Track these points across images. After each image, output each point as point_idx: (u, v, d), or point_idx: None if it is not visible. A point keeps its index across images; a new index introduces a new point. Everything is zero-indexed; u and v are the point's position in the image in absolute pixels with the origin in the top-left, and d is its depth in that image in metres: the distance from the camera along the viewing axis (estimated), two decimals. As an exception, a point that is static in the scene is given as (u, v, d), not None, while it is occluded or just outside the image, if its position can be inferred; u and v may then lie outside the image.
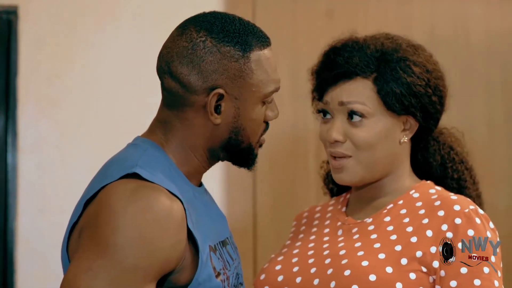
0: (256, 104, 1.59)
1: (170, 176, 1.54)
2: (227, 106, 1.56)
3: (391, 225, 1.77)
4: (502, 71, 2.64)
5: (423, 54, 1.84)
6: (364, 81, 1.78)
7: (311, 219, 1.96)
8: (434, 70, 1.83)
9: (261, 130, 1.64)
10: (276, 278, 1.80)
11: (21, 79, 2.76)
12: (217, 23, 1.56)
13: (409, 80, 1.78)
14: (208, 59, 1.54)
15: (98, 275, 1.39)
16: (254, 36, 1.57)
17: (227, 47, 1.54)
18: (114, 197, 1.45)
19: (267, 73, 1.59)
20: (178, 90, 1.56)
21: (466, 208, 1.73)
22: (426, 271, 1.70)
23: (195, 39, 1.55)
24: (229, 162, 1.67)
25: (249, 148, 1.62)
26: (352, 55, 1.79)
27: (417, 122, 1.82)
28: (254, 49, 1.56)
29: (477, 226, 1.71)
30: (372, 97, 1.78)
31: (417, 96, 1.79)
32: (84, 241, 1.45)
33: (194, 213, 1.55)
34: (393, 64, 1.78)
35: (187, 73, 1.54)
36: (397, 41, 1.84)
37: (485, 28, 2.65)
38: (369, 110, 1.77)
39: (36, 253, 2.72)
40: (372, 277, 1.68)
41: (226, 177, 2.78)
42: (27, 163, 2.75)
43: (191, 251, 1.51)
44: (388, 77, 1.77)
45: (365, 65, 1.78)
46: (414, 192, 1.82)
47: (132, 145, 1.61)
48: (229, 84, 1.55)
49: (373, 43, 1.82)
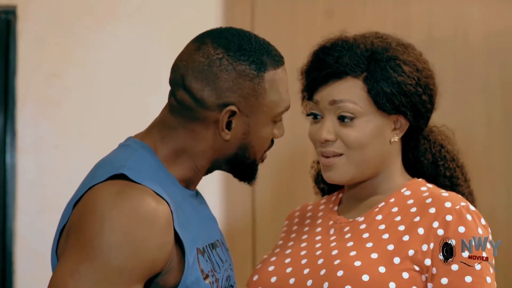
0: (267, 123, 1.61)
1: (158, 178, 1.54)
2: (238, 123, 1.58)
3: (383, 224, 1.77)
4: (500, 70, 2.64)
5: (413, 53, 1.84)
6: (355, 81, 1.78)
7: (303, 218, 1.96)
8: (424, 68, 1.83)
9: (267, 147, 1.66)
10: (269, 279, 1.79)
11: (20, 79, 2.76)
12: (235, 40, 1.57)
13: (400, 79, 1.77)
14: (223, 77, 1.55)
15: (83, 277, 1.40)
16: (269, 55, 1.59)
17: (242, 66, 1.56)
18: (99, 199, 1.46)
19: (279, 93, 1.60)
20: (190, 103, 1.56)
21: (457, 205, 1.73)
22: (419, 270, 1.70)
23: (212, 56, 1.55)
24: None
25: (253, 164, 1.65)
26: (342, 54, 1.79)
27: (408, 122, 1.81)
28: (269, 68, 1.58)
29: (468, 223, 1.71)
30: (363, 96, 1.78)
31: (408, 95, 1.78)
32: (70, 243, 1.45)
33: (182, 215, 1.55)
34: (383, 63, 1.78)
35: (201, 89, 1.55)
36: (387, 40, 1.83)
37: (483, 28, 2.65)
38: (360, 110, 1.77)
39: (35, 253, 2.72)
40: (365, 277, 1.67)
41: (225, 177, 2.78)
42: (26, 163, 2.75)
43: (178, 253, 1.51)
44: (379, 77, 1.77)
45: (355, 65, 1.78)
46: (405, 190, 1.82)
47: (123, 146, 1.62)
48: (242, 102, 1.56)
49: (363, 42, 1.81)
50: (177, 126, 1.59)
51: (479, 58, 2.65)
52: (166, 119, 1.61)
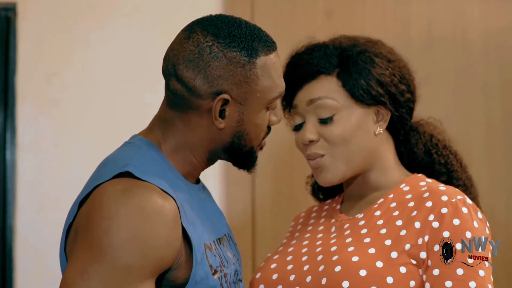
0: (261, 110, 1.60)
1: (164, 174, 1.54)
2: (231, 111, 1.57)
3: (381, 219, 1.78)
4: (500, 69, 2.64)
5: (383, 47, 1.87)
6: (328, 78, 1.81)
7: (307, 219, 1.97)
8: (396, 59, 1.85)
9: (264, 134, 1.65)
10: (271, 276, 1.81)
11: (19, 77, 2.76)
12: (224, 27, 1.56)
13: (372, 71, 1.80)
14: (214, 64, 1.54)
15: (93, 277, 1.40)
16: (261, 41, 1.57)
17: (233, 53, 1.54)
18: (106, 197, 1.45)
19: (272, 79, 1.59)
20: (183, 93, 1.56)
21: (454, 198, 1.74)
22: (416, 264, 1.70)
23: (202, 44, 1.54)
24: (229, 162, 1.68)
25: (251, 151, 1.63)
26: (312, 56, 1.82)
27: (389, 112, 1.83)
28: (260, 54, 1.56)
29: (463, 216, 1.71)
30: (339, 91, 1.80)
31: (383, 85, 1.81)
32: (78, 242, 1.45)
33: (190, 211, 1.55)
34: (354, 58, 1.81)
35: (193, 77, 1.54)
36: (355, 38, 1.86)
37: (483, 27, 2.65)
38: (338, 104, 1.79)
39: (34, 251, 2.72)
40: (363, 272, 1.68)
41: (226, 175, 2.78)
42: (25, 161, 2.75)
43: (186, 250, 1.51)
44: (351, 70, 1.80)
45: (327, 63, 1.81)
46: (404, 185, 1.83)
47: (128, 144, 1.62)
48: (234, 90, 1.55)
49: (331, 43, 1.85)
50: (174, 119, 1.59)
51: (478, 57, 2.65)
52: (164, 114, 1.61)
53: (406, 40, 2.07)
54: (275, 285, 1.79)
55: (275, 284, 1.79)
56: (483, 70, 2.64)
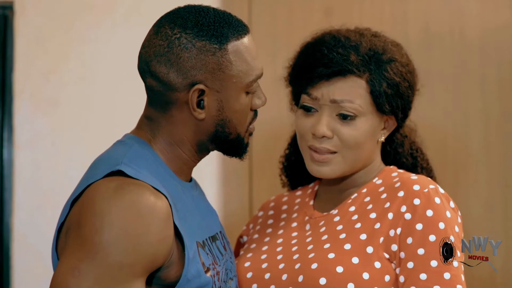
0: (239, 95, 1.59)
1: (156, 172, 1.55)
2: (209, 100, 1.56)
3: (355, 214, 1.78)
4: (497, 67, 2.64)
5: (405, 54, 1.86)
6: (358, 80, 1.79)
7: (278, 211, 1.96)
8: (413, 70, 1.86)
9: (249, 119, 1.64)
10: (245, 274, 1.80)
11: (17, 75, 2.76)
12: (191, 17, 1.55)
13: (398, 81, 1.79)
14: (185, 56, 1.53)
15: (85, 274, 1.40)
16: (230, 26, 1.57)
17: (202, 42, 1.54)
18: (98, 196, 1.46)
19: (247, 62, 1.58)
20: (159, 88, 1.56)
21: (426, 187, 1.74)
22: (388, 258, 1.70)
23: (170, 37, 1.54)
24: (226, 158, 1.68)
25: (238, 138, 1.62)
26: (347, 52, 1.79)
27: (396, 123, 1.85)
28: (231, 39, 1.56)
29: (436, 207, 1.71)
30: (365, 96, 1.78)
31: (402, 98, 1.82)
32: (70, 240, 1.45)
33: (182, 208, 1.55)
34: (385, 65, 1.79)
35: (166, 72, 1.54)
36: (384, 39, 1.85)
37: (480, 24, 2.65)
38: (361, 110, 1.78)
39: (32, 249, 2.72)
40: (339, 269, 1.68)
41: (222, 172, 2.78)
42: (23, 159, 2.75)
43: (179, 247, 1.51)
44: (381, 78, 1.78)
45: (360, 65, 1.78)
46: (377, 179, 1.84)
47: (119, 142, 1.62)
48: (209, 78, 1.55)
49: (363, 40, 1.82)
50: (158, 117, 1.59)
51: (476, 55, 2.65)
52: (148, 113, 1.61)
53: (403, 38, 2.07)
54: (250, 283, 1.79)
55: (250, 283, 1.79)
56: (481, 68, 2.64)
